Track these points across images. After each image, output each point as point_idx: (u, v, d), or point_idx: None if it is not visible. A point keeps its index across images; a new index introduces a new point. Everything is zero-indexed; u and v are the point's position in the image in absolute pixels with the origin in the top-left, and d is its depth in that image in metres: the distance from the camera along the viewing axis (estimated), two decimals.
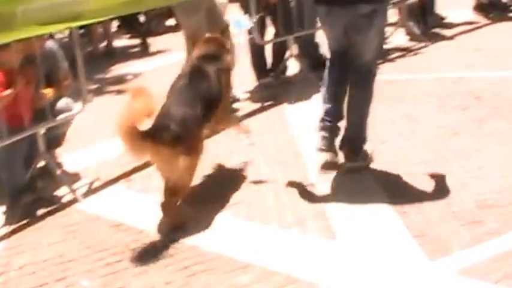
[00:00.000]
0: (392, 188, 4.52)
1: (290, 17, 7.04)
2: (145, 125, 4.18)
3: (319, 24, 5.76)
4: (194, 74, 4.63)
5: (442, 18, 9.28)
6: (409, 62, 7.62)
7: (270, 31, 7.31)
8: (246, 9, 6.86)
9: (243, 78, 7.03)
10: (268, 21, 7.19)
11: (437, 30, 8.81)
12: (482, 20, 9.36)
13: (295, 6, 7.15)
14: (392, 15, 8.87)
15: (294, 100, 6.61)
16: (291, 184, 4.77)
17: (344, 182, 4.73)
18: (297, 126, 5.89)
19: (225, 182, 4.96)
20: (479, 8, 9.69)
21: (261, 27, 6.88)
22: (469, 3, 9.86)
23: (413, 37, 8.50)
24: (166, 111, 4.34)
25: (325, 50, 7.13)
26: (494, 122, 5.48)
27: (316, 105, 6.22)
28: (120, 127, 3.99)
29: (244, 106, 6.61)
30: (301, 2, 7.12)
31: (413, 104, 6.17)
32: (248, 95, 6.92)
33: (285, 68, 7.32)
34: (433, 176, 4.62)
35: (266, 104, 6.59)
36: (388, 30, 8.74)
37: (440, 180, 4.55)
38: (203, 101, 4.45)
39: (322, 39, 7.22)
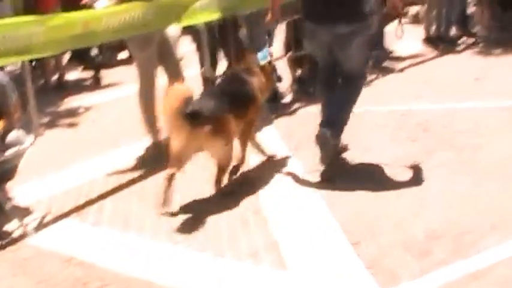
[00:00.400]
0: (345, 217, 4.57)
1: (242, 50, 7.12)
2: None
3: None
4: (226, 78, 5.84)
5: (391, 52, 9.46)
6: (361, 95, 7.71)
7: (223, 64, 7.37)
8: (198, 42, 6.92)
9: None
10: (221, 54, 7.25)
11: (387, 63, 8.97)
12: (431, 52, 9.58)
13: (248, 39, 7.22)
14: None
15: None
16: (243, 214, 4.80)
17: (297, 210, 4.79)
18: (251, 158, 5.91)
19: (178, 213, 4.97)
20: (428, 41, 9.91)
21: (213, 60, 6.94)
22: (418, 36, 10.08)
23: None
24: (201, 101, 5.10)
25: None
26: (443, 153, 5.60)
27: (268, 137, 6.35)
28: (165, 108, 4.89)
29: None
30: (253, 35, 7.21)
31: (365, 135, 6.26)
32: None
33: None
34: (384, 206, 4.71)
35: None
36: None
37: (391, 211, 4.63)
38: (232, 98, 5.15)
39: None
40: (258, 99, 5.57)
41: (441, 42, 9.86)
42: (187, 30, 6.91)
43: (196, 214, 4.90)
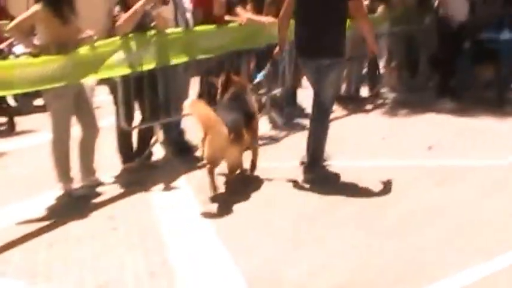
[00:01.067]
0: (252, 271, 4.68)
1: (157, 103, 7.22)
2: None
3: (185, 111, 7.05)
4: (236, 97, 6.74)
5: (303, 109, 9.72)
6: (271, 150, 7.92)
7: (137, 116, 7.42)
8: (114, 94, 6.97)
9: (108, 162, 7.09)
10: (136, 106, 7.31)
11: (298, 120, 9.20)
12: (340, 111, 9.89)
13: (163, 92, 7.32)
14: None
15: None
16: (150, 266, 4.88)
17: (204, 264, 4.87)
18: (161, 212, 6.00)
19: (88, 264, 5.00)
20: (338, 100, 10.19)
21: (128, 112, 6.99)
22: None
23: (275, 126, 8.84)
24: (223, 115, 6.17)
25: (190, 136, 7.43)
26: (348, 209, 5.82)
27: (178, 190, 6.45)
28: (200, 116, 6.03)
29: (108, 190, 6.63)
30: (168, 89, 7.32)
31: (273, 190, 6.43)
32: (113, 179, 6.97)
33: (150, 154, 7.44)
34: (290, 259, 4.85)
35: (131, 189, 6.63)
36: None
37: (297, 263, 4.77)
38: (243, 113, 6.49)
39: (187, 126, 7.51)
40: (256, 114, 6.97)
41: (351, 102, 10.20)
42: (104, 80, 6.96)
43: (104, 267, 4.94)
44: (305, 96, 9.84)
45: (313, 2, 6.66)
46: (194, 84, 8.25)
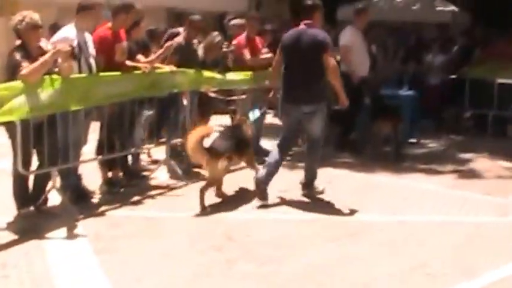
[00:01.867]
0: None
1: (55, 149, 7.09)
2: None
3: (82, 157, 7.51)
4: (232, 128, 8.62)
5: None
6: (169, 200, 7.92)
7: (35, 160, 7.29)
8: (13, 137, 6.82)
9: (2, 207, 6.91)
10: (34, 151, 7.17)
11: (197, 170, 9.20)
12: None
13: (62, 137, 7.21)
14: (159, 152, 9.27)
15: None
16: None
17: None
18: (55, 260, 5.88)
19: None
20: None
21: (26, 156, 6.85)
22: None
23: (174, 176, 8.79)
24: (215, 141, 7.81)
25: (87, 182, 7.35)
26: (245, 264, 5.83)
27: (73, 237, 6.35)
28: (191, 142, 7.31)
29: (1, 236, 6.45)
30: (67, 134, 7.22)
31: (169, 241, 6.40)
32: (7, 225, 6.78)
33: (46, 200, 7.27)
34: None
35: (25, 235, 6.46)
36: (151, 167, 9.12)
37: None
38: (235, 141, 7.88)
39: (84, 172, 7.44)
40: (251, 142, 8.42)
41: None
42: (3, 124, 6.81)
43: None
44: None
45: (297, 55, 7.74)
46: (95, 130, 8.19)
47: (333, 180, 8.86)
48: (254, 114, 9.39)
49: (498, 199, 8.13)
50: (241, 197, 8.03)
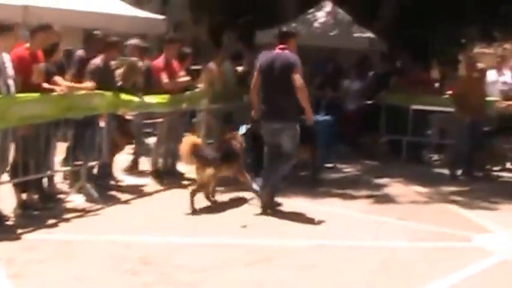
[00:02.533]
0: None
1: None
2: None
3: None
4: (222, 141, 9.45)
5: (119, 181, 9.68)
6: (85, 223, 7.79)
7: None
8: None
9: None
10: None
11: (114, 193, 9.15)
12: (157, 185, 9.93)
13: None
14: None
15: None
16: None
17: None
18: None
19: None
20: (156, 174, 10.25)
21: None
22: (145, 169, 10.50)
23: (90, 199, 8.65)
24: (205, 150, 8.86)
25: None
26: (156, 286, 5.79)
27: None
28: (184, 148, 8.43)
29: None
30: None
31: (85, 265, 6.29)
32: None
33: None
34: None
35: None
36: (68, 191, 8.96)
37: None
38: (224, 153, 8.85)
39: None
40: (240, 154, 9.10)
41: (167, 176, 10.25)
42: None
43: None
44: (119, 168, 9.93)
45: (270, 75, 8.53)
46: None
47: (250, 204, 8.91)
48: (241, 130, 9.98)
49: (412, 224, 8.28)
50: (160, 220, 7.97)
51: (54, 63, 8.39)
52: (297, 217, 8.41)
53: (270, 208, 8.55)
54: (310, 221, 8.31)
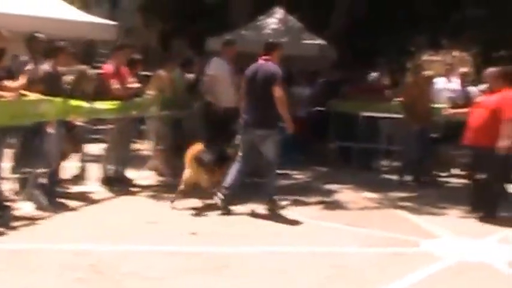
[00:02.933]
0: None
1: None
2: None
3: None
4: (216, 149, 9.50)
5: (68, 189, 9.57)
6: (34, 232, 7.67)
7: None
8: None
9: None
10: None
11: (63, 200, 9.03)
12: (106, 192, 9.86)
13: None
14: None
15: None
16: None
17: None
18: None
19: None
20: (105, 181, 10.17)
21: None
22: (94, 176, 10.36)
23: (39, 206, 8.53)
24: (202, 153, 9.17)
25: None
26: None
27: None
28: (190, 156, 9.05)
29: None
30: None
31: (35, 274, 6.17)
32: None
33: None
34: None
35: None
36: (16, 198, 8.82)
37: None
38: (218, 157, 9.31)
39: None
40: (230, 159, 9.31)
41: (117, 183, 10.18)
42: None
43: None
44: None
45: (254, 85, 8.96)
46: None
47: (200, 211, 8.88)
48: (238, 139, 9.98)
49: (362, 230, 8.36)
50: (111, 228, 7.91)
51: (3, 68, 8.26)
52: (250, 224, 8.43)
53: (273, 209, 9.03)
54: (263, 227, 8.34)
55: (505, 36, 19.41)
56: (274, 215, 8.85)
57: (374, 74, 14.57)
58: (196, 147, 9.18)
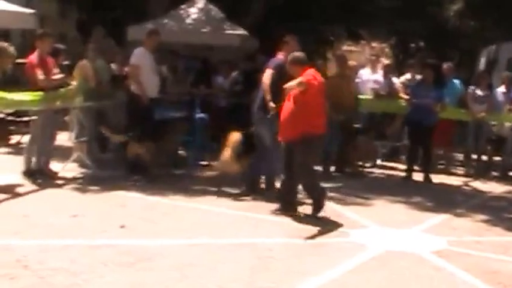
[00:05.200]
0: None
1: None
2: None
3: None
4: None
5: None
6: None
7: None
8: None
9: None
10: None
11: None
12: (30, 185, 9.68)
13: None
14: None
15: None
16: None
17: None
18: None
19: None
20: (28, 173, 9.99)
21: None
22: (17, 168, 10.16)
23: None
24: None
25: None
26: None
27: None
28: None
29: None
30: None
31: None
32: None
33: None
34: None
35: None
36: None
37: None
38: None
39: None
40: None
41: (41, 176, 10.02)
42: None
43: None
44: None
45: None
46: None
47: (127, 204, 8.85)
48: None
49: (288, 220, 8.49)
50: (36, 222, 7.79)
51: None
52: (174, 216, 8.44)
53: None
54: (187, 219, 8.36)
55: (417, 28, 19.94)
56: (199, 207, 8.86)
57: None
58: (236, 135, 9.72)
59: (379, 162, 13.15)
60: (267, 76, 9.49)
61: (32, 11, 15.51)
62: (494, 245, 8.02)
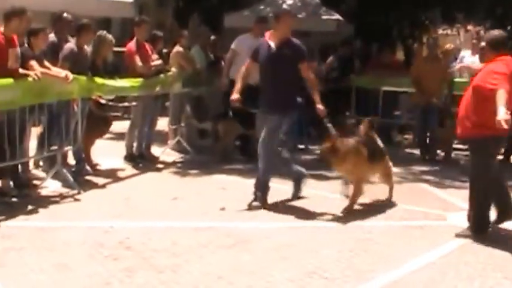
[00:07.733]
0: None
1: None
2: None
3: None
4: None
5: (96, 165, 9.62)
6: (62, 209, 7.74)
7: None
8: None
9: None
10: None
11: (89, 177, 9.11)
12: (131, 170, 9.90)
13: None
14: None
15: None
16: None
17: None
18: None
19: None
20: (129, 158, 10.21)
21: None
22: (119, 153, 10.38)
23: (66, 184, 8.58)
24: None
25: None
26: (144, 273, 5.77)
27: None
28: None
29: None
30: None
31: (64, 252, 6.24)
32: None
33: None
34: None
35: None
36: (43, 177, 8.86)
37: None
38: None
39: None
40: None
41: (141, 160, 10.23)
42: None
43: None
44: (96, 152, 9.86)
45: (270, 64, 8.07)
46: None
47: (227, 187, 8.92)
48: None
49: (386, 203, 8.41)
50: (137, 204, 7.97)
51: (30, 49, 8.26)
52: (273, 199, 8.39)
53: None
54: (284, 202, 8.37)
55: None
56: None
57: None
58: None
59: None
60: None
61: (130, 0, 15.79)
62: None
